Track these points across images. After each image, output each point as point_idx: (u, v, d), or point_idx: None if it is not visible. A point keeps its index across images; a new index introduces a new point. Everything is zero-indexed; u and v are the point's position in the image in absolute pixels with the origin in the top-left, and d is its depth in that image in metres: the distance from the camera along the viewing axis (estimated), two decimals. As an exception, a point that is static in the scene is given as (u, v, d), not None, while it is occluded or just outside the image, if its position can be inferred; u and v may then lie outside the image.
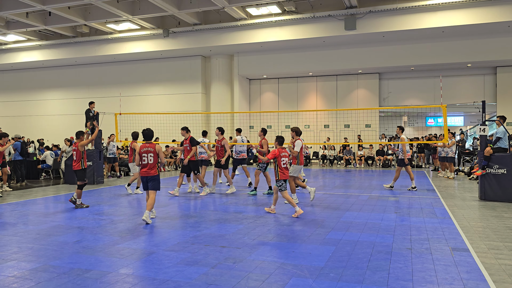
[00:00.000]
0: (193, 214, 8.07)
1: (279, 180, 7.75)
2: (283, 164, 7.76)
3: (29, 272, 4.56)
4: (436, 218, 7.43)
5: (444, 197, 10.11)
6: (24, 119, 27.80)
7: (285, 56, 22.51)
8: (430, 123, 39.75)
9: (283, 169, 7.76)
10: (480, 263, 4.80)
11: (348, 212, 8.07)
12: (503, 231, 6.46)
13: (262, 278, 4.33)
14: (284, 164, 7.77)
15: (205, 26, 21.24)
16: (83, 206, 8.93)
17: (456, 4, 17.66)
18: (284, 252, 5.28)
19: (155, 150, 7.43)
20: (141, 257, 5.09)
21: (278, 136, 7.97)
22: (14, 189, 12.46)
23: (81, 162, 9.00)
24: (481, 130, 9.85)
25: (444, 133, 11.97)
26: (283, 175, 7.75)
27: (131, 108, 23.94)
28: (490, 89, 21.88)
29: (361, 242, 5.76)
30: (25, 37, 23.64)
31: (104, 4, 18.09)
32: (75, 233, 6.41)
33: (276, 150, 7.82)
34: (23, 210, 8.54)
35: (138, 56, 23.96)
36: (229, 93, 24.04)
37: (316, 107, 23.87)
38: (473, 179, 13.88)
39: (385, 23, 18.79)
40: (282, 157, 7.78)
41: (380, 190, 11.45)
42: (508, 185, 9.23)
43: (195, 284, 4.17)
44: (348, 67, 22.00)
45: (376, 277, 4.36)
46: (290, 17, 19.84)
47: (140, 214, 8.02)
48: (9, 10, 18.52)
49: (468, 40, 19.71)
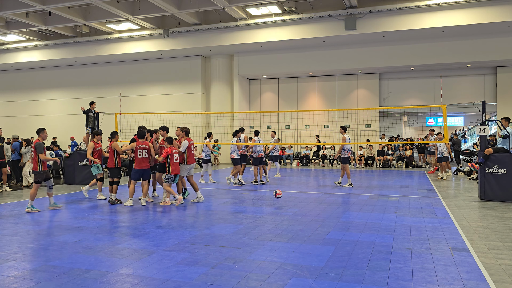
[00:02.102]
0: (193, 214, 8.07)
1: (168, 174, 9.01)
2: (175, 160, 8.99)
3: (29, 272, 4.56)
4: (436, 218, 7.43)
5: (444, 197, 10.12)
6: (24, 119, 27.80)
7: (285, 56, 22.51)
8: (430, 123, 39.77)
9: (175, 164, 9.00)
10: (480, 263, 4.80)
11: (348, 212, 8.07)
12: (503, 231, 6.46)
13: (262, 278, 4.33)
14: (176, 160, 9.02)
15: (205, 26, 21.24)
16: (117, 202, 9.40)
17: (456, 4, 17.66)
18: (284, 252, 5.28)
19: (149, 148, 9.19)
20: (141, 257, 5.09)
21: (167, 137, 9.14)
22: (14, 189, 12.46)
23: (115, 161, 9.67)
24: (481, 130, 9.84)
25: (444, 133, 11.98)
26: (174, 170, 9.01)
27: (131, 108, 23.94)
28: (490, 89, 21.88)
29: (361, 242, 5.76)
30: (25, 37, 23.65)
31: (104, 4, 18.09)
32: (75, 233, 6.41)
33: (168, 148, 8.97)
34: (23, 210, 8.54)
35: (138, 56, 23.96)
36: (229, 93, 24.04)
37: (316, 107, 23.87)
38: (473, 179, 13.89)
39: (385, 23, 18.79)
40: (174, 154, 9.01)
41: (380, 190, 11.45)
42: (508, 185, 9.23)
43: (195, 284, 4.17)
44: (348, 67, 22.00)
45: (376, 277, 4.36)
46: (290, 17, 19.85)
47: (140, 214, 8.03)
48: (9, 10, 18.52)
49: (468, 40, 19.71)
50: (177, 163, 9.08)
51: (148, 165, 9.17)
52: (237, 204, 9.24)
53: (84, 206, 9.02)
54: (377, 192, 11.15)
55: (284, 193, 10.73)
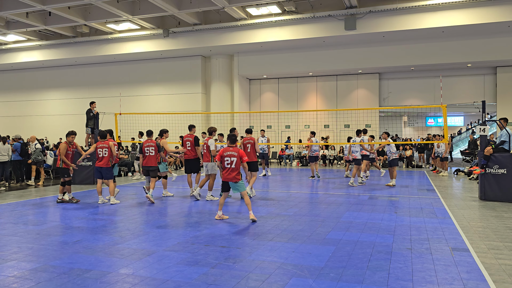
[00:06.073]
0: (193, 214, 8.08)
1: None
2: (226, 164, 7.24)
3: (29, 272, 4.56)
4: (436, 218, 7.43)
5: (444, 197, 10.11)
6: (24, 119, 27.81)
7: (285, 56, 22.51)
8: (430, 123, 39.78)
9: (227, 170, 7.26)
10: (480, 263, 4.80)
11: (348, 212, 8.06)
12: (503, 231, 6.46)
13: (262, 278, 4.33)
14: (228, 164, 7.22)
15: (205, 26, 21.24)
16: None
17: (456, 4, 17.66)
18: (284, 252, 5.27)
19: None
20: (141, 257, 5.09)
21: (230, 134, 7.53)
22: (14, 189, 12.46)
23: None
24: (481, 130, 9.84)
25: (444, 134, 11.97)
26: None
27: (131, 108, 23.95)
28: (490, 89, 21.88)
29: (361, 242, 5.75)
30: (25, 37, 23.64)
31: (104, 4, 18.09)
32: (75, 233, 6.41)
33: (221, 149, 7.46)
34: (23, 210, 8.54)
35: (138, 56, 23.96)
36: (229, 93, 24.04)
37: (316, 107, 23.86)
38: (473, 179, 13.88)
39: (385, 23, 18.79)
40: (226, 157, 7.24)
41: (380, 190, 11.45)
42: (508, 185, 9.23)
43: (195, 284, 4.17)
44: (348, 67, 22.00)
45: (376, 277, 4.36)
46: (290, 17, 19.84)
47: (140, 214, 8.04)
48: (9, 10, 18.52)
49: (468, 40, 19.71)
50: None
51: (102, 164, 9.25)
52: (237, 204, 9.23)
53: (84, 206, 9.02)
54: (377, 192, 11.14)
55: (284, 193, 10.73)
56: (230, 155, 7.18)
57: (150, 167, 9.66)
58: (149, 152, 9.61)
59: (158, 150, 9.83)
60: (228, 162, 7.18)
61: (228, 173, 7.20)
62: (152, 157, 9.62)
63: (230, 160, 7.18)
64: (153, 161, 9.64)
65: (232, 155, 7.18)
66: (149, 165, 9.63)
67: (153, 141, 9.68)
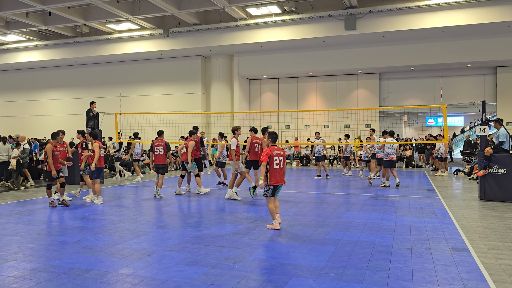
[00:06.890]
0: (193, 214, 8.08)
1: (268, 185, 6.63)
2: (275, 165, 6.59)
3: (29, 272, 4.56)
4: (436, 218, 7.43)
5: (444, 197, 10.11)
6: (24, 119, 27.82)
7: (285, 56, 22.51)
8: (430, 123, 39.77)
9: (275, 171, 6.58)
10: (480, 263, 4.80)
11: (348, 212, 8.06)
12: (503, 231, 6.46)
13: (262, 278, 4.33)
14: (277, 165, 6.59)
15: (205, 26, 21.24)
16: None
17: (456, 4, 17.66)
18: (284, 252, 5.27)
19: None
20: (141, 257, 5.09)
21: (270, 133, 6.84)
22: (13, 189, 12.44)
23: (46, 164, 9.41)
24: (481, 130, 9.84)
25: (444, 134, 11.97)
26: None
27: (131, 108, 23.94)
28: (490, 89, 21.88)
29: (361, 242, 5.75)
30: (25, 37, 23.65)
31: (104, 4, 18.09)
32: (75, 233, 6.41)
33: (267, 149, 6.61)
34: (23, 210, 8.54)
35: (138, 56, 23.96)
36: (229, 93, 24.04)
37: (316, 107, 23.86)
38: (473, 179, 13.88)
39: (385, 23, 18.79)
40: (275, 156, 6.59)
41: (380, 190, 11.45)
42: (508, 185, 9.23)
43: (195, 284, 4.17)
44: (348, 67, 22.00)
45: (376, 277, 4.36)
46: (290, 17, 19.84)
47: (140, 214, 8.05)
48: (9, 10, 18.53)
49: (468, 40, 19.71)
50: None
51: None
52: (237, 204, 9.23)
53: (84, 206, 9.02)
54: (377, 192, 11.14)
55: (284, 193, 10.73)
56: (278, 154, 6.57)
57: (159, 165, 10.31)
58: (159, 151, 10.27)
59: (167, 150, 10.57)
60: (277, 162, 6.53)
61: (279, 174, 6.58)
62: (162, 156, 10.26)
63: (279, 160, 6.57)
64: (162, 159, 10.27)
65: (280, 154, 6.59)
66: (158, 163, 10.29)
67: (162, 141, 10.37)
